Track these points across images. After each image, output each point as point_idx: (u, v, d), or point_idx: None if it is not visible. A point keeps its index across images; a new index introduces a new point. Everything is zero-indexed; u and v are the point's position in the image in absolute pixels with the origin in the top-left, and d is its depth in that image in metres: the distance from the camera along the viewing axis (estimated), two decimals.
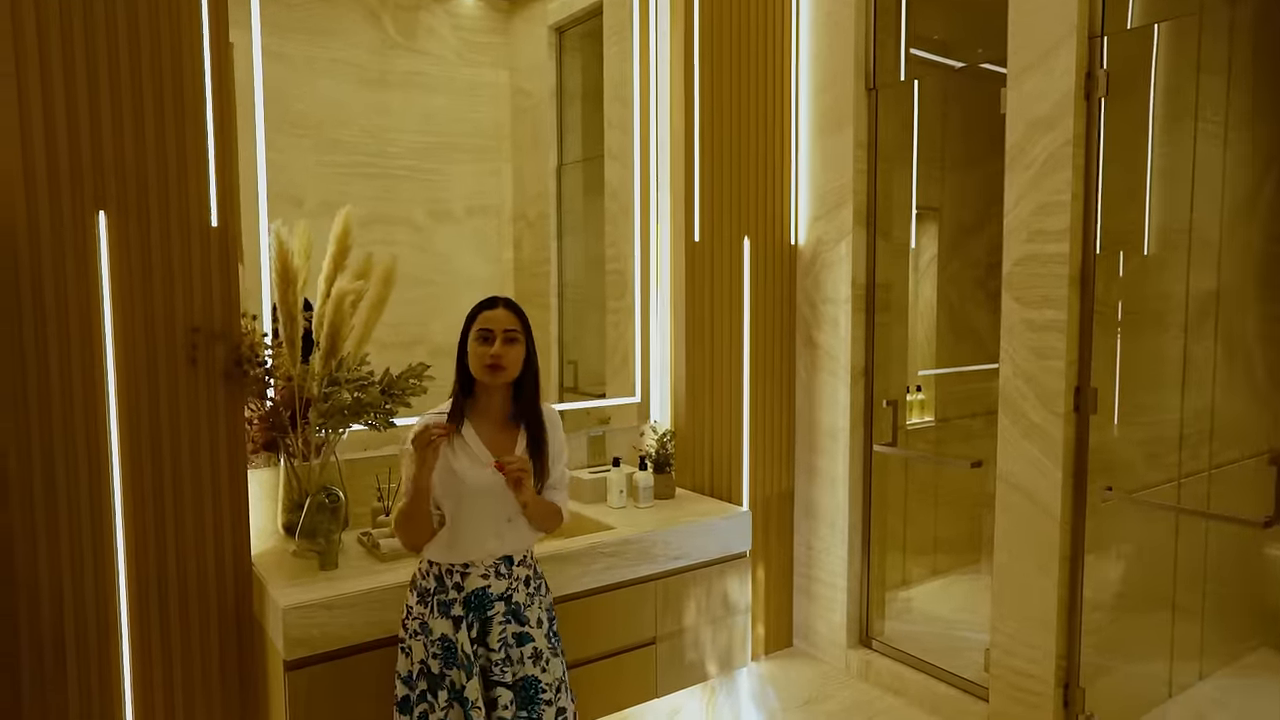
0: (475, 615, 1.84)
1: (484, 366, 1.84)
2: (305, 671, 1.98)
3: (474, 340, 1.86)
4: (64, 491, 1.98)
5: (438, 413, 1.89)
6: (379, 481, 2.47)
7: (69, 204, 1.95)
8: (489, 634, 1.84)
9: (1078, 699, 2.54)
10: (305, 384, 2.24)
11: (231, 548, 2.19)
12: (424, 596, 1.86)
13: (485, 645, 1.85)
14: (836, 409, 3.21)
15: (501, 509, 1.85)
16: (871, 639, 3.22)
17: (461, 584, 1.84)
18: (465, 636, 1.82)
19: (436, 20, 2.88)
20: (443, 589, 1.84)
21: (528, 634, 1.88)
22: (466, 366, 1.88)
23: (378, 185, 2.76)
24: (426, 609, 1.84)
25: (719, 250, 3.12)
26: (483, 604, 1.85)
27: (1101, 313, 2.51)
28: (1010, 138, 2.56)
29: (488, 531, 1.85)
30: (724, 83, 3.09)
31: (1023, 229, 2.54)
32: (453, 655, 1.82)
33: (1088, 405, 2.48)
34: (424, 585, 1.87)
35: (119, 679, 2.07)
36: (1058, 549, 2.50)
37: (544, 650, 1.90)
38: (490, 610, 1.85)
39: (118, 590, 2.06)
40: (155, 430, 2.08)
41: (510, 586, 1.88)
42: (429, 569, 1.87)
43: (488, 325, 1.85)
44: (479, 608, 1.84)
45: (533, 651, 1.88)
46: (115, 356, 2.02)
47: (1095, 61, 2.40)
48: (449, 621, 1.82)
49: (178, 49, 2.06)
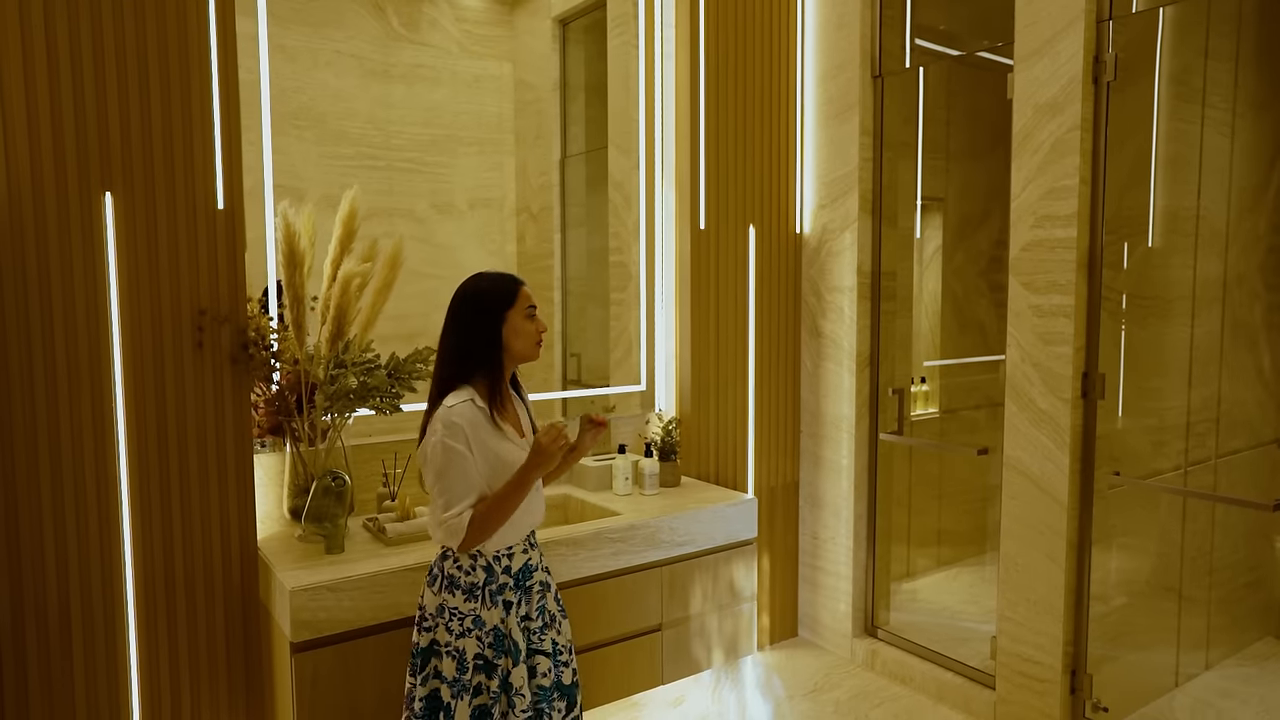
0: (523, 593, 1.85)
1: (534, 344, 1.83)
2: (311, 654, 1.97)
3: (524, 318, 1.81)
4: (70, 475, 1.98)
5: (467, 400, 1.76)
6: (384, 467, 2.47)
7: (75, 185, 1.94)
8: (530, 605, 1.86)
9: (1084, 686, 2.54)
10: (311, 368, 2.24)
11: (238, 531, 2.19)
12: (472, 592, 1.78)
13: (528, 618, 1.86)
14: (842, 398, 3.21)
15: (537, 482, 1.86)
16: (877, 628, 3.21)
17: (510, 565, 1.84)
18: (514, 620, 1.81)
19: (439, 12, 2.88)
20: (493, 578, 1.80)
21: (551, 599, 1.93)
22: (492, 347, 1.80)
23: (380, 178, 2.76)
24: (477, 603, 1.79)
25: (724, 238, 3.11)
26: (526, 579, 1.86)
27: (1109, 299, 2.50)
28: (1017, 122, 2.56)
29: (534, 506, 1.87)
30: (729, 70, 3.09)
31: (1030, 214, 2.53)
32: (502, 643, 1.81)
33: (1095, 391, 2.48)
34: (470, 581, 1.79)
35: (125, 662, 2.07)
36: (1065, 535, 2.50)
37: (556, 613, 1.93)
38: (530, 581, 1.87)
39: (124, 573, 2.06)
40: (161, 413, 2.07)
41: (540, 555, 1.92)
42: (473, 564, 1.79)
43: (532, 301, 1.83)
44: (524, 584, 1.86)
45: (550, 616, 1.91)
46: (121, 338, 2.01)
47: (1103, 45, 2.40)
48: (500, 609, 1.80)
49: (184, 32, 2.05)
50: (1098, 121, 2.42)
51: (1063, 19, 2.42)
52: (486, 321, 1.79)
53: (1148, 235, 2.87)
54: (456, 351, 1.79)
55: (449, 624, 1.78)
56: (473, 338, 1.79)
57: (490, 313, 1.79)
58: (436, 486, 1.74)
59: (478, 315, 1.79)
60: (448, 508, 1.73)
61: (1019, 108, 2.55)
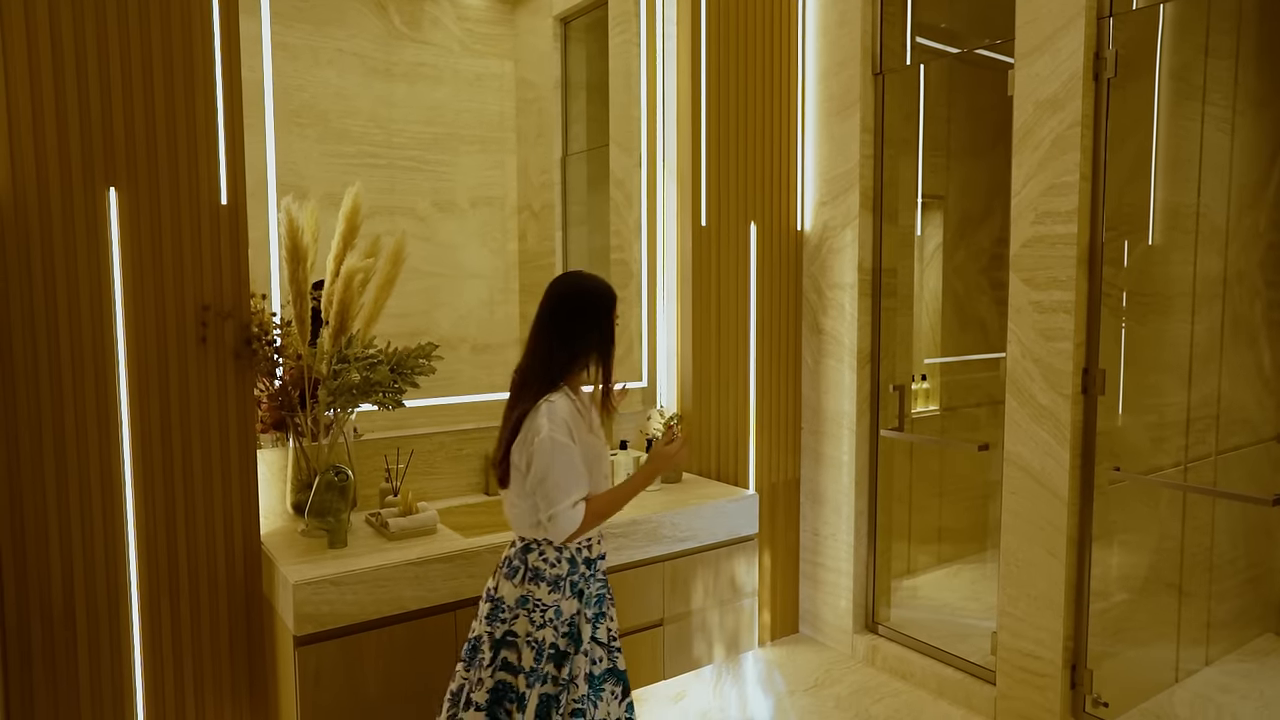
0: (597, 585, 1.90)
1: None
2: (314, 648, 1.98)
3: (614, 322, 1.92)
4: (75, 469, 1.99)
5: (565, 397, 1.84)
6: (387, 462, 2.48)
7: (80, 180, 1.95)
8: (590, 594, 1.89)
9: (1085, 680, 2.54)
10: (314, 363, 2.24)
11: (241, 526, 2.20)
12: (556, 584, 1.83)
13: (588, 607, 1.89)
14: (843, 394, 3.22)
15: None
16: (878, 624, 3.22)
17: (590, 556, 1.89)
18: (584, 612, 1.85)
19: (441, 11, 2.88)
20: (575, 569, 1.85)
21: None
22: (602, 345, 1.89)
23: (382, 176, 2.76)
24: (560, 594, 1.83)
25: (725, 235, 3.12)
26: (597, 568, 1.92)
27: (1109, 295, 2.51)
28: (1018, 119, 2.57)
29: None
30: (730, 68, 3.09)
31: (1030, 210, 2.54)
32: (574, 634, 1.84)
33: (1096, 387, 2.48)
34: (555, 573, 1.83)
35: (129, 655, 2.08)
36: (1065, 531, 2.50)
37: (608, 603, 1.99)
38: (596, 570, 1.92)
39: (128, 568, 2.07)
40: (165, 408, 2.08)
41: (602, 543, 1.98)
42: (559, 556, 1.84)
43: (619, 310, 1.94)
44: (596, 574, 1.91)
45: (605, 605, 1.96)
46: (125, 334, 2.02)
47: (1103, 42, 2.40)
48: (576, 600, 1.85)
49: (188, 29, 2.06)
50: (1098, 118, 2.43)
51: (1063, 16, 2.43)
52: (593, 322, 1.86)
53: (1148, 232, 2.87)
54: (560, 349, 1.84)
55: (531, 615, 1.83)
56: (580, 337, 1.85)
57: (599, 313, 1.87)
58: (547, 481, 1.78)
59: (585, 316, 1.86)
60: (559, 501, 1.77)
61: (1020, 104, 2.56)
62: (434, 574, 2.12)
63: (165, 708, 2.12)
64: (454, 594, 2.15)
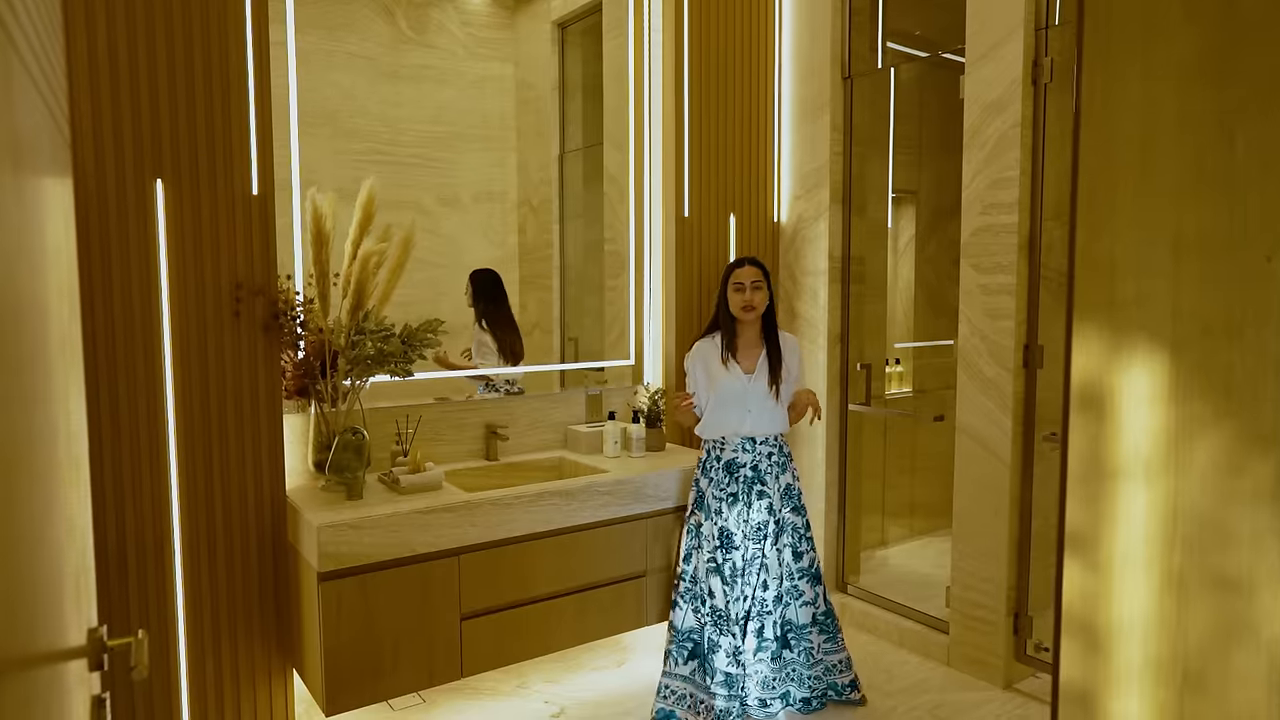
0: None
1: (740, 308, 2.64)
2: (335, 583, 2.26)
3: (731, 290, 2.66)
4: (127, 430, 2.27)
5: (708, 338, 2.74)
6: (398, 427, 2.76)
7: (131, 172, 2.23)
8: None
9: (1026, 626, 2.81)
10: (333, 337, 2.52)
11: (269, 479, 2.48)
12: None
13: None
14: (816, 373, 3.49)
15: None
16: (847, 584, 3.49)
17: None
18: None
19: (446, 16, 3.10)
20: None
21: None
22: (727, 308, 2.67)
23: (390, 172, 2.95)
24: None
25: (707, 226, 3.40)
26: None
27: (1047, 278, 2.78)
28: (968, 120, 2.84)
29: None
30: (712, 73, 3.37)
31: (978, 202, 2.81)
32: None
33: (1035, 361, 2.75)
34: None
35: (172, 593, 2.36)
36: (1008, 492, 2.78)
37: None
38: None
39: (171, 516, 2.35)
40: (204, 375, 2.36)
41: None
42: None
43: (740, 279, 2.65)
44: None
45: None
46: (170, 308, 2.30)
47: (1041, 51, 2.67)
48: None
49: (224, 41, 2.34)
50: (1036, 119, 2.70)
51: (1005, 27, 2.70)
52: (720, 292, 2.73)
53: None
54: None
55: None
56: (718, 301, 2.75)
57: (722, 286, 2.72)
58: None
59: (721, 287, 2.73)
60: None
61: (969, 106, 2.83)
62: (440, 522, 2.40)
63: (204, 640, 2.41)
64: (457, 541, 2.43)
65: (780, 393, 2.67)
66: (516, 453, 3.06)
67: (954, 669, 2.96)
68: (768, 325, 2.71)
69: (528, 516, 2.54)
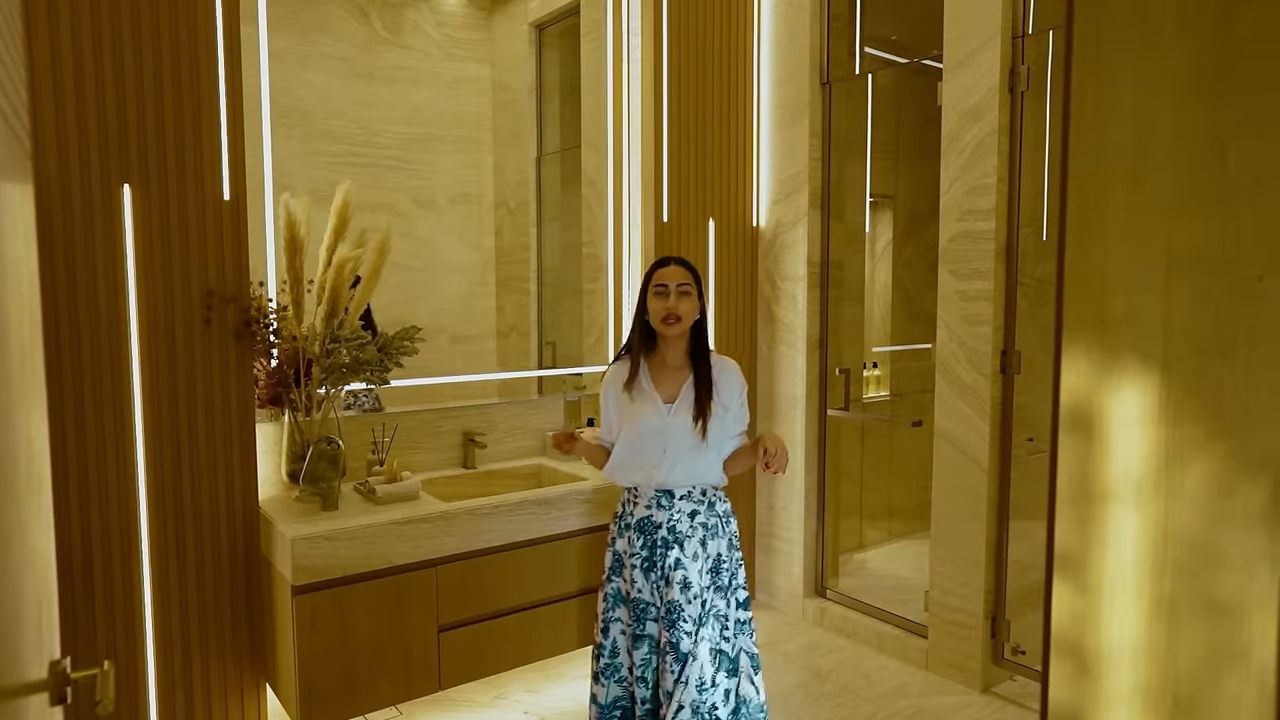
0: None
1: (661, 319, 2.09)
2: (310, 596, 2.22)
3: (652, 295, 2.11)
4: (93, 439, 2.20)
5: (626, 359, 2.19)
6: (374, 435, 2.71)
7: (98, 177, 2.17)
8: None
9: (1003, 630, 2.83)
10: (307, 345, 2.47)
11: (241, 491, 2.42)
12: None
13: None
14: (795, 378, 3.49)
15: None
16: (826, 589, 3.50)
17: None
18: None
19: (421, 17, 3.07)
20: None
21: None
22: (645, 320, 2.14)
23: (365, 174, 2.92)
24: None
25: (685, 230, 3.38)
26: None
27: (1024, 284, 2.80)
28: (945, 127, 2.85)
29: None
30: (691, 77, 3.35)
31: (955, 209, 2.82)
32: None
33: (1012, 366, 2.77)
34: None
35: (141, 609, 2.30)
36: (986, 497, 2.79)
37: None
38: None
39: (139, 529, 2.28)
40: (173, 384, 2.30)
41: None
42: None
43: (663, 281, 2.10)
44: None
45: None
46: (138, 315, 2.24)
47: (1017, 59, 2.69)
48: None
49: (194, 39, 2.28)
50: (1014, 126, 2.72)
51: (982, 35, 2.71)
52: (640, 298, 2.17)
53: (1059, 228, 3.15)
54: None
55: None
56: (636, 310, 2.20)
57: (641, 291, 2.18)
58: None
59: (640, 292, 2.18)
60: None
61: (947, 113, 2.84)
62: (418, 533, 2.36)
63: (174, 657, 2.35)
64: (435, 551, 2.39)
65: (708, 431, 2.07)
66: (495, 460, 3.02)
67: (932, 673, 2.98)
68: (697, 343, 2.14)
69: (506, 526, 2.50)
